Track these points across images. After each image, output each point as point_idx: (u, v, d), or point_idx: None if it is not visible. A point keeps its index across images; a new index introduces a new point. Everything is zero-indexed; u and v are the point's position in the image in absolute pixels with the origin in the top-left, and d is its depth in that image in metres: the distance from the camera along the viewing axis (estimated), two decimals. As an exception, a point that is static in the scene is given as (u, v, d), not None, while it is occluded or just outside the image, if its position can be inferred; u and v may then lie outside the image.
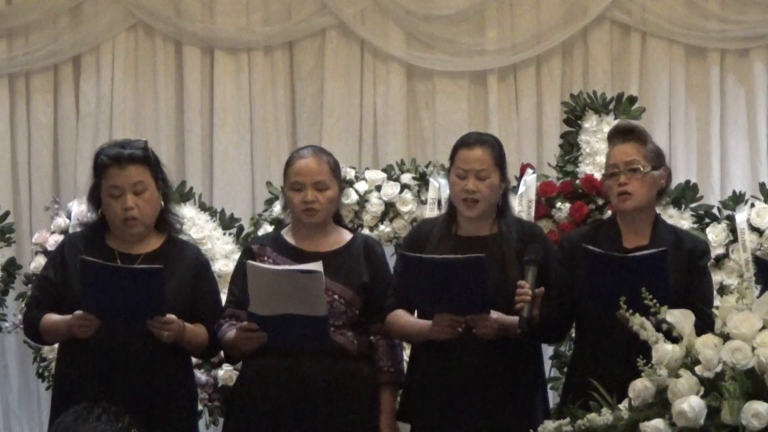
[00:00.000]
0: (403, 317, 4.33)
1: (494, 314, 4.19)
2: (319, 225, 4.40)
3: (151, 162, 4.28)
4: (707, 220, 5.31)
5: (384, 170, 5.56)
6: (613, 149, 4.31)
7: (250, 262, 4.22)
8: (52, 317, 4.22)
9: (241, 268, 4.42)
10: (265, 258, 4.38)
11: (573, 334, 4.56)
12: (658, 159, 4.29)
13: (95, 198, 4.31)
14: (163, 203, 4.32)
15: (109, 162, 4.24)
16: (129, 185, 4.21)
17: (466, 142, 4.42)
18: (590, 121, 5.45)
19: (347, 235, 4.48)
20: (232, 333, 4.28)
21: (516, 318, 4.17)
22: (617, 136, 4.33)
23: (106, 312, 4.06)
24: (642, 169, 4.22)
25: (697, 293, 4.17)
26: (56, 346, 4.47)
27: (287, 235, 4.46)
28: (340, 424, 4.26)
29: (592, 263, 4.07)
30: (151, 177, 4.27)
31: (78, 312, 4.10)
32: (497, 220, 4.39)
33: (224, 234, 5.43)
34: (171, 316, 4.11)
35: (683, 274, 4.17)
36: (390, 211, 5.46)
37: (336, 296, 4.30)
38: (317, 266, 4.09)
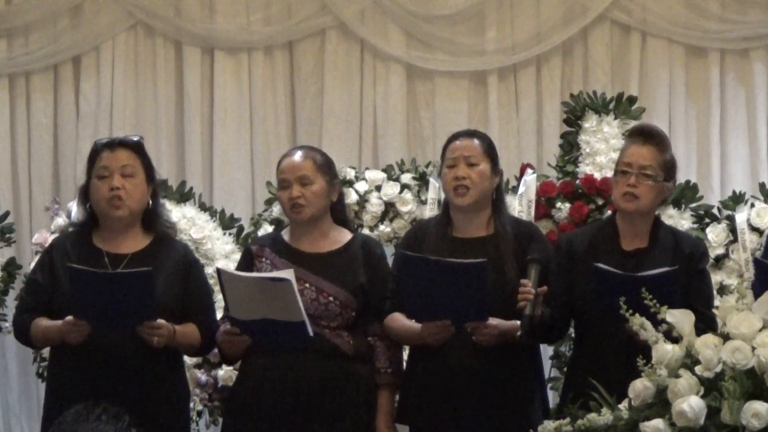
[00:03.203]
0: (399, 320, 4.32)
1: (494, 321, 4.17)
2: (313, 224, 4.38)
3: (142, 152, 4.31)
4: (707, 220, 5.30)
5: (384, 170, 5.55)
6: (630, 147, 4.27)
7: (223, 269, 4.25)
8: (43, 322, 4.22)
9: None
10: (264, 259, 4.38)
11: (572, 334, 4.56)
12: (671, 171, 4.26)
13: (85, 193, 4.32)
14: (151, 201, 4.32)
15: (101, 147, 4.30)
16: (117, 167, 4.24)
17: (453, 136, 4.47)
18: (590, 121, 5.44)
19: (347, 236, 4.45)
20: None
21: (514, 322, 4.16)
22: (639, 135, 4.28)
23: (97, 318, 4.07)
24: (655, 176, 4.20)
25: (698, 296, 4.17)
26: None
27: (286, 236, 4.45)
28: (336, 424, 4.26)
29: (601, 280, 4.05)
30: (141, 166, 4.28)
31: (69, 318, 4.10)
32: (493, 220, 4.38)
33: (224, 234, 5.43)
34: (161, 321, 4.12)
35: (683, 277, 4.15)
36: (390, 211, 5.45)
37: (331, 298, 4.29)
38: (288, 274, 4.09)
